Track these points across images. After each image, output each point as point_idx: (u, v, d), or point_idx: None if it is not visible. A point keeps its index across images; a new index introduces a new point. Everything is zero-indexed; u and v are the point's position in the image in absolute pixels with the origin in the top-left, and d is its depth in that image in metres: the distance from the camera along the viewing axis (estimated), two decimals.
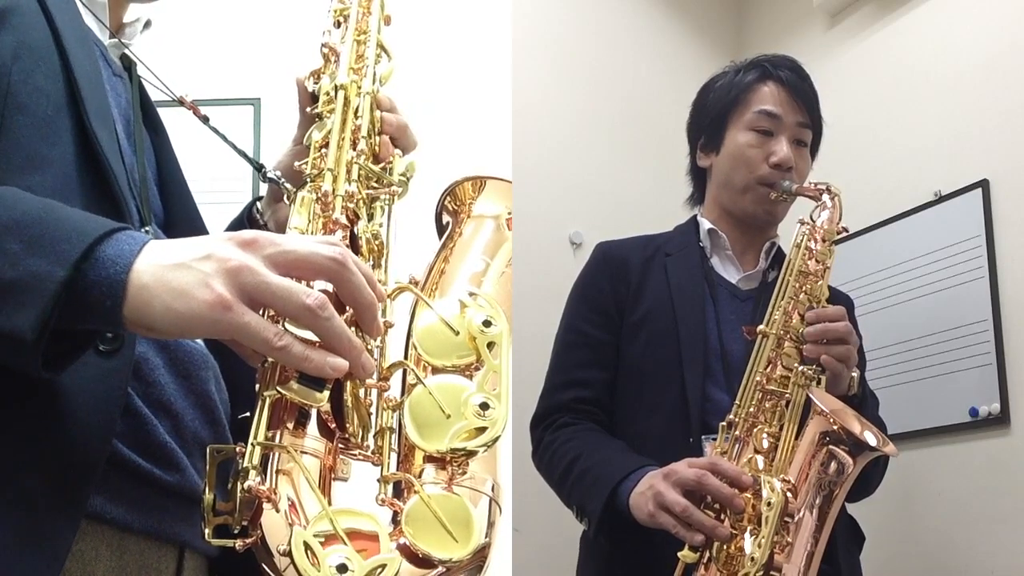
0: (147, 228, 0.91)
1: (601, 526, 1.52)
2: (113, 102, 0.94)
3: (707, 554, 1.34)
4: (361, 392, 0.79)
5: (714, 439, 1.49)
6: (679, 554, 1.35)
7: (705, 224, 1.79)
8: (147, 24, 1.09)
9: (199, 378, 0.92)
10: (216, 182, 2.26)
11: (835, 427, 1.34)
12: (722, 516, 1.35)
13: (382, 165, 0.97)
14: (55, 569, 0.73)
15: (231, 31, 2.48)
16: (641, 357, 1.68)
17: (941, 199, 2.24)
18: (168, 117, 1.09)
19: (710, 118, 1.80)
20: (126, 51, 1.04)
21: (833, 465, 1.34)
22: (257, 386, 0.76)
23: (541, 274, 2.36)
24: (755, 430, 1.44)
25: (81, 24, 0.94)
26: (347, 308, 0.78)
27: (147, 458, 0.84)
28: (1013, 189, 2.10)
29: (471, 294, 0.89)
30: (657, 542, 1.41)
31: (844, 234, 1.67)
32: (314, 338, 0.73)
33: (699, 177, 1.87)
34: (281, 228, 0.91)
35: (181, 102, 1.05)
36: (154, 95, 1.08)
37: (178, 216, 1.02)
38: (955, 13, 2.31)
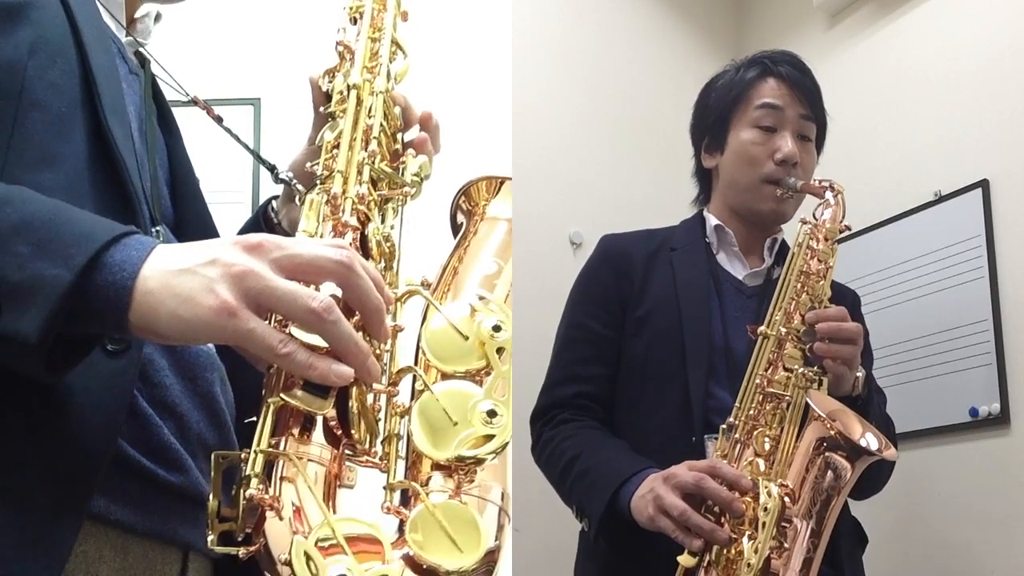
0: (157, 228, 0.90)
1: (602, 529, 1.51)
2: (129, 100, 0.93)
3: (707, 557, 1.32)
4: (369, 397, 0.78)
5: (716, 438, 1.47)
6: (678, 558, 1.33)
7: (712, 220, 1.78)
8: (157, 18, 1.08)
9: (205, 380, 0.92)
10: (217, 182, 2.26)
11: (832, 432, 1.32)
12: (722, 520, 1.34)
13: (395, 166, 0.95)
14: (55, 570, 0.72)
15: (231, 31, 2.48)
16: (644, 353, 1.67)
17: (941, 199, 2.24)
18: None
19: (713, 118, 1.79)
20: (140, 49, 1.03)
21: (830, 472, 1.32)
22: (263, 391, 0.75)
23: (541, 274, 2.36)
24: (755, 432, 1.43)
25: (100, 20, 0.93)
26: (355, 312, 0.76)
27: (151, 459, 0.83)
28: (1013, 189, 2.10)
29: (481, 298, 0.88)
30: (657, 544, 1.40)
31: (846, 232, 1.66)
32: (321, 343, 0.72)
33: (704, 178, 1.86)
34: (296, 227, 0.90)
35: (195, 102, 1.05)
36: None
37: (188, 217, 1.01)
38: (955, 13, 2.31)
